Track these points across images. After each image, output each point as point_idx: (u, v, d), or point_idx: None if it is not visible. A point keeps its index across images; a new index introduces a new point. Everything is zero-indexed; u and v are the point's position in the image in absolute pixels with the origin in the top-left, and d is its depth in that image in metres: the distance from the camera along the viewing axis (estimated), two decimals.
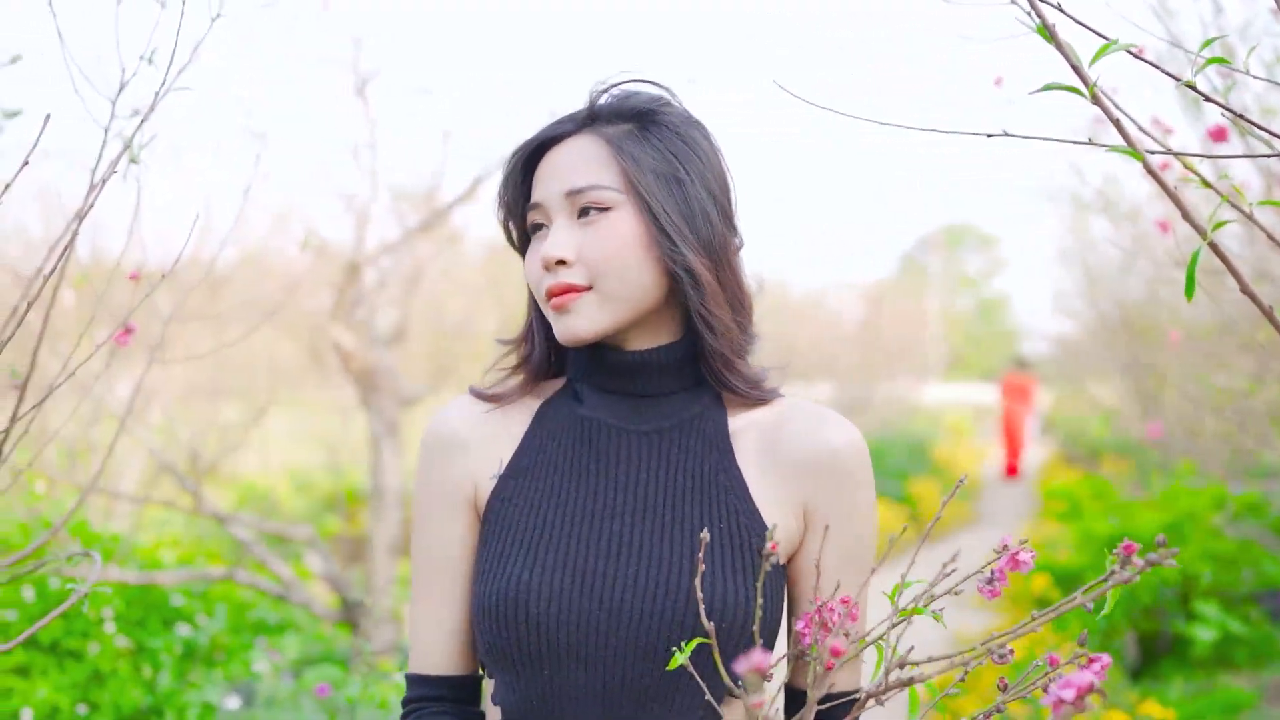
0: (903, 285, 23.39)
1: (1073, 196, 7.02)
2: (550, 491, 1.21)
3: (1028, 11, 0.91)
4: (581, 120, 1.24)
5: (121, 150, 1.49)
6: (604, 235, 1.18)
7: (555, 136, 1.24)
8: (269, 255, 7.08)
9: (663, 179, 1.20)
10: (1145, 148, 1.00)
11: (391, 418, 4.76)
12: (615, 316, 1.19)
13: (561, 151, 1.23)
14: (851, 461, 1.21)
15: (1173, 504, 5.84)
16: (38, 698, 3.29)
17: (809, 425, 1.22)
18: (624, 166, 1.20)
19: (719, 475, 1.20)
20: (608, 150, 1.21)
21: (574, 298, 1.19)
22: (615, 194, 1.19)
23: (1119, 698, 4.06)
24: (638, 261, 1.19)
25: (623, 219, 1.19)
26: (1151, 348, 7.20)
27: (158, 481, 6.57)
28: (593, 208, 1.19)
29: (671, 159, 1.21)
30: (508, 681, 1.17)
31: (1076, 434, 14.70)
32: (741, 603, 1.13)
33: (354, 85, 4.74)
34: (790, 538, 1.20)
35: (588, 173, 1.20)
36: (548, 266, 1.20)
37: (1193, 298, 0.89)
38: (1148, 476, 8.88)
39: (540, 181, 1.24)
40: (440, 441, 1.27)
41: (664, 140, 1.21)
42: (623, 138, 1.21)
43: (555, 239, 1.20)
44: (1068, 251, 9.46)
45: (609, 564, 1.16)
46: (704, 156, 1.23)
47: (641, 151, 1.20)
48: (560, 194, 1.21)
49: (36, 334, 1.57)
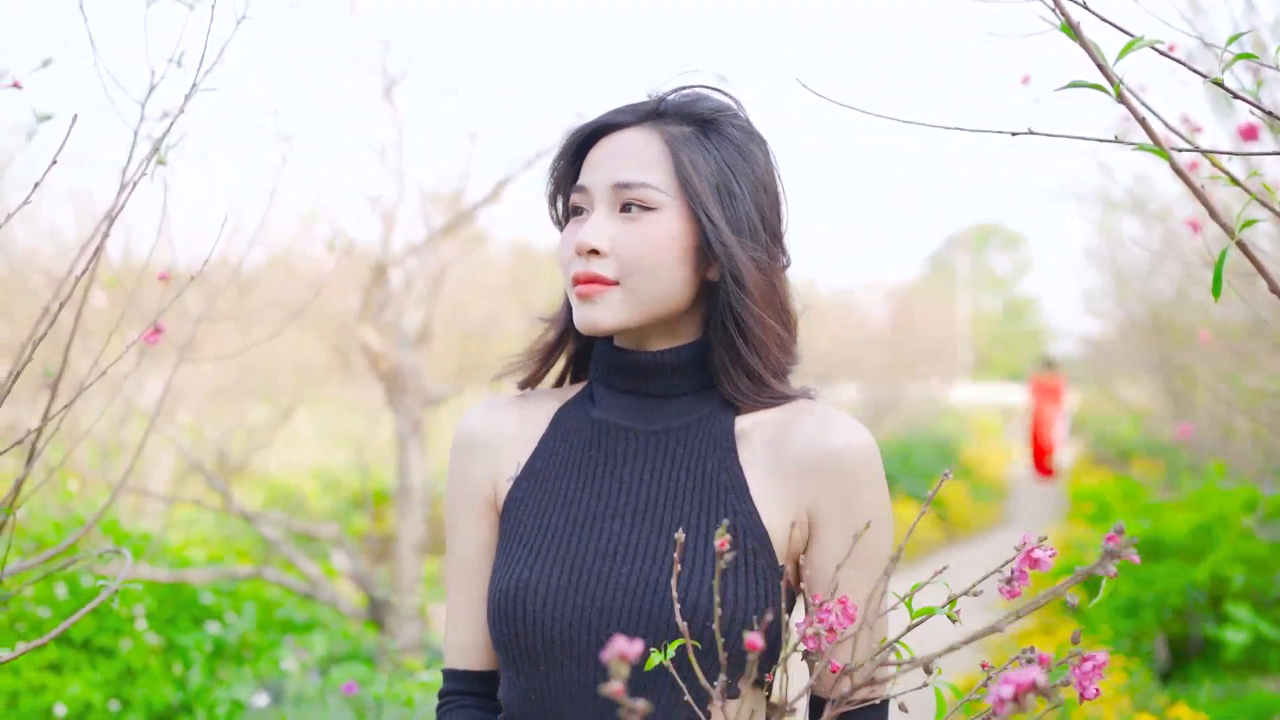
0: (931, 285, 23.25)
1: (1102, 195, 6.96)
2: (559, 493, 1.23)
3: (1052, 8, 0.91)
4: (644, 114, 1.23)
5: (151, 152, 1.51)
6: (643, 234, 1.19)
7: (615, 124, 1.24)
8: (296, 256, 7.13)
9: (715, 188, 1.20)
10: (1173, 146, 0.99)
11: (417, 417, 4.78)
12: (637, 315, 1.20)
13: (618, 140, 1.23)
14: (855, 463, 1.18)
15: (1203, 506, 5.78)
16: (70, 694, 3.33)
17: (814, 426, 1.20)
18: (677, 169, 1.19)
19: (720, 475, 1.19)
20: (664, 150, 1.21)
21: (600, 290, 1.19)
22: (662, 195, 1.19)
23: (1149, 701, 4.02)
24: (670, 266, 1.19)
25: (665, 221, 1.19)
26: (1182, 348, 7.13)
27: (187, 480, 6.63)
28: (637, 204, 1.19)
29: (727, 170, 1.21)
30: (509, 678, 1.21)
31: (1106, 435, 14.57)
32: (729, 602, 1.13)
33: (381, 87, 4.76)
34: (791, 539, 1.18)
35: (639, 169, 1.20)
36: (580, 253, 1.20)
37: (1220, 297, 0.89)
38: (1178, 478, 8.79)
39: (590, 166, 1.24)
40: (464, 443, 1.30)
41: (723, 150, 1.21)
42: (682, 140, 1.21)
43: (593, 227, 1.20)
44: (1096, 251, 9.38)
45: (605, 563, 1.17)
46: (760, 173, 1.23)
47: (698, 157, 1.20)
48: (608, 184, 1.21)
49: (68, 333, 1.59)
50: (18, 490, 1.54)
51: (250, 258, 5.73)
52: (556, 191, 1.30)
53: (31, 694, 3.34)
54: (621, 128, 1.23)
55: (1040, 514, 11.72)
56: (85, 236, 5.14)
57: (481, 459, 1.29)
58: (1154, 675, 4.60)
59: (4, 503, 1.56)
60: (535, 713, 1.17)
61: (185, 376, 5.71)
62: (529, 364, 1.32)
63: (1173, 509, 6.35)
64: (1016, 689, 0.65)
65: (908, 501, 9.84)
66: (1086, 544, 7.01)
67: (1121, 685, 4.00)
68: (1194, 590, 4.92)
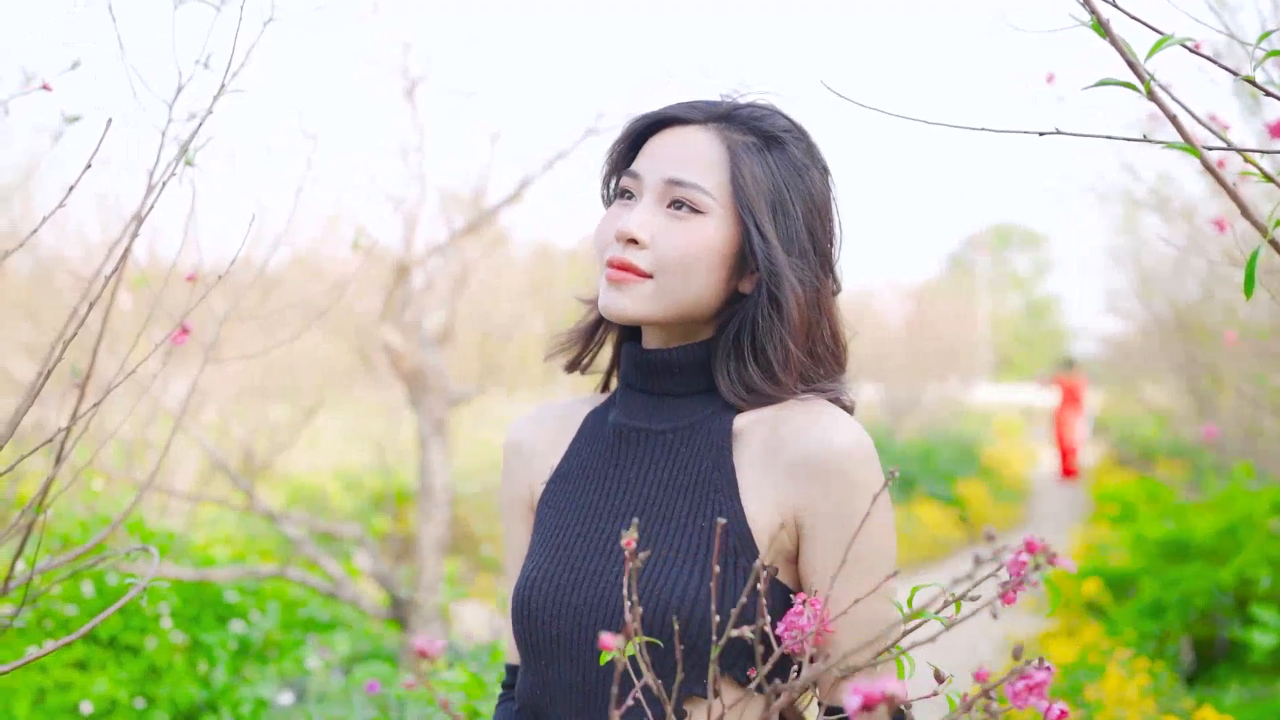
0: (950, 286, 23.14)
1: (1125, 194, 6.91)
2: (576, 494, 1.27)
3: (1082, 4, 0.90)
4: (712, 115, 1.24)
5: (179, 153, 1.52)
6: (686, 234, 1.19)
7: (681, 118, 1.24)
8: (320, 257, 7.16)
9: (769, 203, 1.20)
10: (1202, 143, 0.98)
11: (439, 417, 4.80)
12: (661, 311, 1.21)
13: (679, 135, 1.23)
14: (843, 462, 1.15)
15: (1229, 507, 5.72)
16: (96, 691, 3.35)
17: (803, 425, 1.18)
18: (734, 178, 1.20)
19: (713, 474, 1.19)
20: (724, 155, 1.21)
21: (631, 280, 1.20)
22: (711, 201, 1.20)
23: (1174, 703, 3.99)
24: (705, 271, 1.20)
25: (709, 226, 1.20)
26: (1207, 348, 7.07)
27: (212, 480, 6.68)
28: (686, 204, 1.20)
29: (783, 187, 1.21)
30: (523, 672, 1.26)
31: (1129, 436, 14.46)
32: (705, 601, 1.12)
33: (403, 88, 4.78)
34: (777, 540, 1.16)
35: (695, 169, 1.20)
36: (620, 239, 1.21)
37: (1252, 296, 0.88)
38: (1203, 479, 8.71)
39: (648, 154, 1.24)
40: (509, 451, 1.38)
41: (782, 167, 1.21)
42: (744, 149, 1.21)
43: (637, 217, 1.20)
44: (1119, 250, 9.31)
45: (601, 561, 1.20)
46: (816, 197, 1.23)
47: (757, 169, 1.20)
48: (661, 177, 1.21)
49: (95, 334, 1.61)
50: (46, 490, 1.55)
51: (274, 258, 5.76)
52: (612, 173, 1.31)
53: (59, 691, 3.37)
54: (687, 123, 1.24)
55: (1062, 515, 11.65)
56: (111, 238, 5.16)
57: (522, 465, 1.35)
58: (1179, 678, 4.56)
59: (33, 502, 1.57)
60: (539, 707, 1.22)
61: (210, 377, 5.74)
62: (572, 345, 1.34)
63: (1198, 510, 6.30)
64: (865, 699, 0.64)
65: (928, 502, 9.79)
66: (1109, 546, 6.96)
67: (1146, 688, 3.97)
68: (1220, 592, 4.88)
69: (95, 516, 4.19)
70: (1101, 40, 0.94)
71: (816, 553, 1.15)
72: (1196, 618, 4.93)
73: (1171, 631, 4.91)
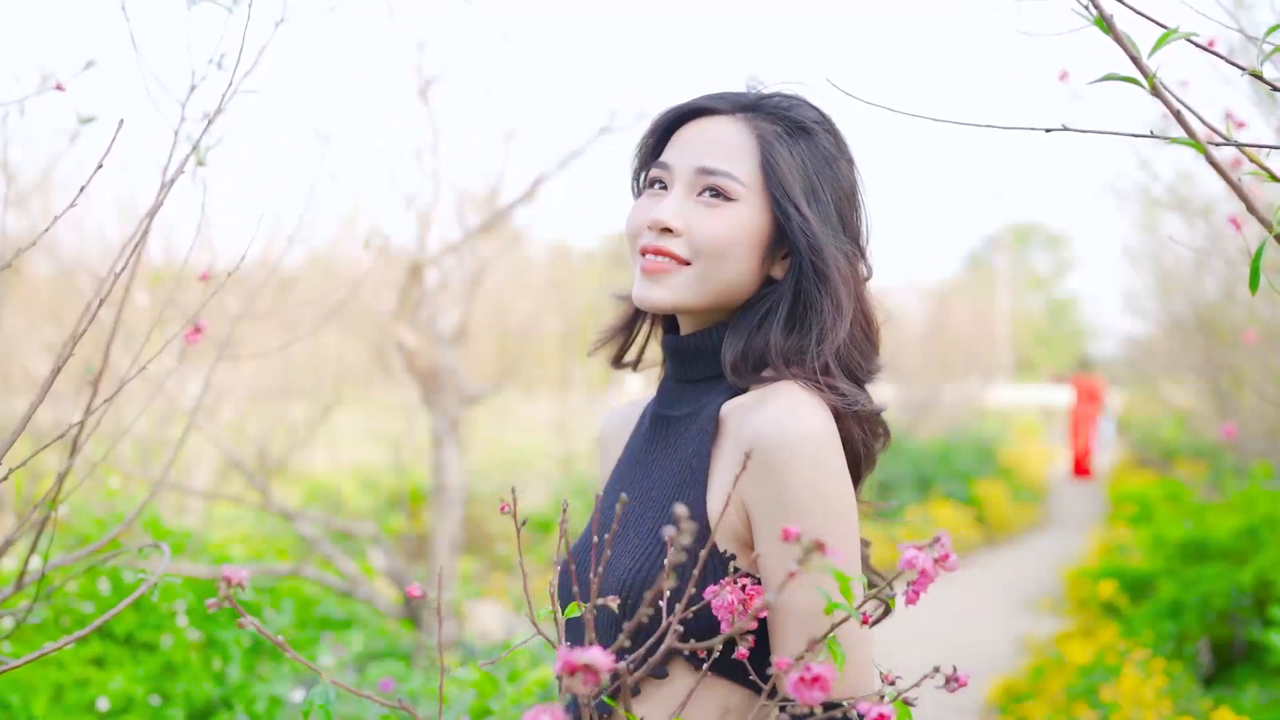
0: (969, 285, 23.05)
1: (1143, 193, 6.86)
2: (617, 479, 1.33)
3: (1085, 5, 0.90)
4: (741, 105, 1.25)
5: (190, 151, 1.53)
6: (720, 220, 1.21)
7: (709, 109, 1.25)
8: (335, 256, 7.19)
9: (803, 185, 1.21)
10: (1211, 141, 0.98)
11: (454, 416, 4.81)
12: (697, 298, 1.22)
13: (709, 125, 1.24)
14: (776, 450, 1.11)
15: (1249, 507, 5.68)
16: (112, 688, 3.38)
17: (753, 409, 1.17)
18: (764, 165, 1.21)
19: (693, 460, 1.21)
20: (754, 144, 1.22)
21: (669, 268, 1.21)
22: (742, 188, 1.21)
23: (1191, 705, 3.96)
24: (741, 256, 1.21)
25: (742, 212, 1.21)
26: (1227, 347, 7.02)
27: (227, 478, 6.71)
28: (717, 192, 1.21)
29: (813, 174, 1.22)
30: None
31: (1149, 436, 14.37)
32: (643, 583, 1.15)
33: (417, 87, 4.79)
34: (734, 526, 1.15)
35: (726, 158, 1.22)
36: (654, 228, 1.22)
37: (1257, 291, 0.87)
38: (1223, 479, 8.65)
39: (677, 145, 1.26)
40: (597, 442, 1.47)
41: (812, 155, 1.23)
42: (774, 137, 1.22)
43: (669, 206, 1.22)
44: (1138, 249, 9.26)
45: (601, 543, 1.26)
46: (845, 184, 1.25)
47: (788, 156, 1.21)
48: (692, 166, 1.22)
49: (109, 332, 1.62)
50: (60, 484, 1.57)
51: (290, 257, 5.79)
52: (642, 167, 1.33)
53: (76, 688, 3.40)
54: (715, 114, 1.25)
55: (1080, 515, 11.58)
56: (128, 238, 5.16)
57: (603, 456, 1.44)
58: (1197, 679, 4.53)
59: (47, 497, 1.59)
60: None
61: (227, 375, 5.78)
62: (613, 342, 1.38)
63: (1217, 511, 6.25)
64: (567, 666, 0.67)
65: (945, 503, 9.75)
66: (1128, 546, 6.92)
67: (1163, 689, 3.95)
68: (1239, 593, 4.84)
69: (112, 514, 4.22)
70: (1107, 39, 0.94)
71: (761, 540, 1.13)
72: (1215, 619, 4.89)
73: (1189, 633, 4.88)
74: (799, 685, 0.78)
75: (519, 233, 6.80)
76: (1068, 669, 4.71)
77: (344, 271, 6.88)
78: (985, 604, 7.41)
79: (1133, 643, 4.73)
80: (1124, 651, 4.52)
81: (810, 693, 0.78)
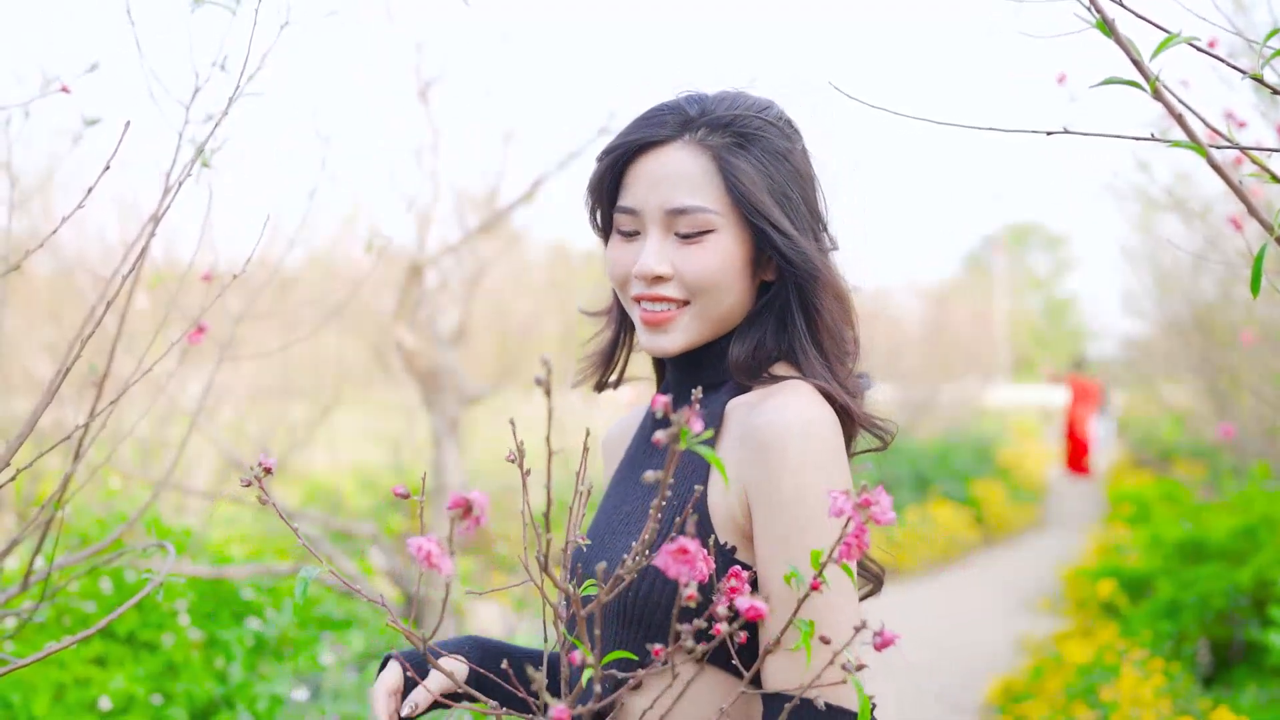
0: (967, 286, 23.06)
1: (1141, 194, 6.87)
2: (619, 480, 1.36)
3: (1087, 7, 0.90)
4: (679, 125, 1.23)
5: (194, 155, 1.54)
6: (705, 256, 1.21)
7: (653, 140, 1.23)
8: (335, 256, 7.20)
9: (772, 194, 1.22)
10: (1212, 142, 0.98)
11: (454, 416, 4.82)
12: (705, 331, 1.25)
13: (661, 159, 1.23)
14: (775, 442, 1.12)
15: (1247, 508, 5.69)
16: (114, 687, 3.38)
17: (755, 404, 1.19)
18: (730, 187, 1.21)
19: (695, 456, 1.22)
20: (711, 166, 1.21)
21: (671, 315, 1.23)
22: (717, 216, 1.21)
23: (1190, 705, 3.97)
24: (733, 282, 1.23)
25: (723, 241, 1.22)
26: (1225, 348, 7.03)
27: (227, 478, 6.72)
28: (694, 229, 1.21)
29: (776, 175, 1.22)
30: None
31: (1147, 436, 14.39)
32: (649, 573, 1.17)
33: (416, 89, 4.80)
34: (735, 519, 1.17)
35: (691, 191, 1.21)
36: (644, 279, 1.23)
37: (1259, 294, 0.88)
38: (1221, 479, 8.66)
39: (637, 185, 1.24)
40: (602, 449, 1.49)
41: (767, 156, 1.22)
42: (725, 152, 1.21)
43: (653, 253, 1.22)
44: (1136, 250, 9.27)
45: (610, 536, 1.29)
46: (801, 166, 1.26)
47: (749, 169, 1.21)
48: (661, 209, 1.22)
49: (112, 334, 1.62)
50: (65, 487, 1.57)
51: (290, 258, 5.79)
52: (598, 204, 1.31)
53: (78, 687, 3.40)
54: (661, 143, 1.23)
55: (1078, 516, 11.59)
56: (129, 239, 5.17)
57: (607, 459, 1.47)
58: (1196, 679, 4.54)
59: (51, 499, 1.59)
60: None
61: (227, 376, 5.78)
62: (594, 370, 1.40)
63: (1215, 511, 6.26)
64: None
65: (944, 503, 9.76)
66: (1126, 546, 6.93)
67: (1162, 689, 3.95)
68: (1237, 593, 4.85)
69: (113, 514, 4.23)
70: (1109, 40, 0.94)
71: (758, 532, 1.14)
72: (1213, 619, 4.90)
73: (1188, 633, 4.88)
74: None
75: (518, 233, 6.80)
76: (1066, 669, 4.71)
77: (343, 272, 6.89)
78: (983, 604, 7.42)
79: (1131, 643, 4.74)
80: (1123, 651, 4.53)
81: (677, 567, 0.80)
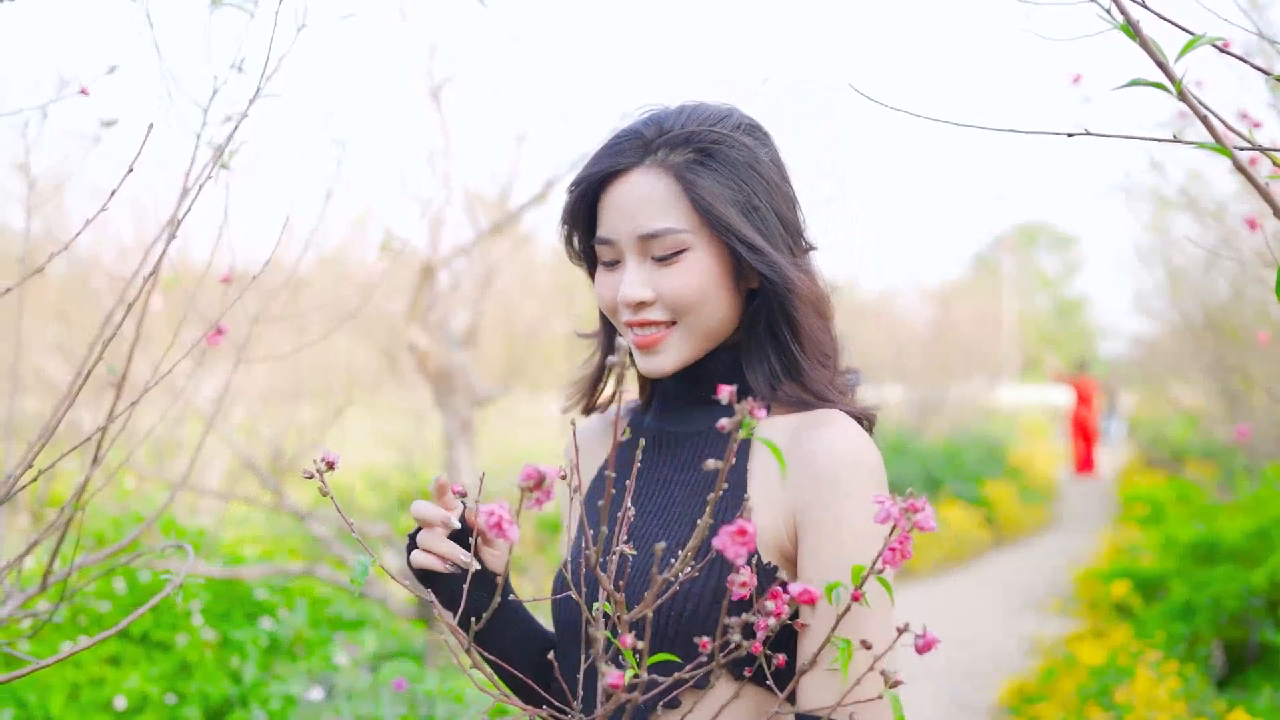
0: (975, 286, 23.02)
1: (1154, 193, 6.85)
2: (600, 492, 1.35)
3: (1106, 10, 0.90)
4: (643, 149, 1.24)
5: (214, 157, 1.54)
6: (683, 276, 1.22)
7: (619, 168, 1.25)
8: (347, 259, 7.22)
9: (740, 212, 1.22)
10: (1233, 143, 0.98)
11: (465, 417, 4.82)
12: (695, 347, 1.26)
13: (627, 186, 1.24)
14: (837, 468, 1.15)
15: (1261, 508, 5.67)
16: (129, 687, 3.40)
17: (807, 429, 1.20)
18: (695, 204, 1.21)
19: (729, 477, 1.21)
20: (675, 186, 1.22)
21: (661, 338, 1.24)
22: (689, 235, 1.22)
23: (1205, 707, 3.96)
24: (716, 296, 1.24)
25: (699, 258, 1.22)
26: (1238, 348, 7.00)
27: (241, 479, 6.74)
28: (668, 251, 1.22)
29: (742, 187, 1.22)
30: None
31: (1158, 436, 14.34)
32: (693, 595, 1.16)
33: (429, 91, 4.81)
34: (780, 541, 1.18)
35: (659, 215, 1.22)
36: (628, 306, 1.25)
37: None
38: (1234, 480, 8.63)
39: (610, 215, 1.26)
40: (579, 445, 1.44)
41: (731, 168, 1.22)
42: (687, 169, 1.22)
43: (633, 280, 1.23)
44: (1148, 249, 9.24)
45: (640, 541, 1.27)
46: (770, 175, 1.25)
47: (712, 184, 1.21)
48: (633, 237, 1.23)
49: (130, 337, 1.63)
50: (83, 490, 1.58)
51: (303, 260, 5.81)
52: (573, 231, 1.33)
53: (92, 686, 3.41)
54: (625, 170, 1.25)
55: (1089, 516, 11.56)
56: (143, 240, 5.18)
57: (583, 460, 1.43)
58: (1210, 681, 4.52)
59: (70, 501, 1.60)
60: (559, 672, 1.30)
61: (240, 377, 5.80)
62: (581, 394, 1.39)
63: (1229, 512, 6.24)
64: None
65: (954, 503, 9.74)
66: (1139, 547, 6.91)
67: (1177, 691, 3.94)
68: (1251, 595, 4.83)
69: (128, 515, 4.24)
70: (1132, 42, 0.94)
71: (806, 555, 1.16)
72: (1227, 621, 4.88)
73: (1202, 634, 4.87)
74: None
75: (529, 235, 6.81)
76: (1080, 670, 4.70)
77: (355, 274, 6.91)
78: (995, 604, 7.40)
79: (1145, 644, 4.73)
80: (1136, 653, 4.52)
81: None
